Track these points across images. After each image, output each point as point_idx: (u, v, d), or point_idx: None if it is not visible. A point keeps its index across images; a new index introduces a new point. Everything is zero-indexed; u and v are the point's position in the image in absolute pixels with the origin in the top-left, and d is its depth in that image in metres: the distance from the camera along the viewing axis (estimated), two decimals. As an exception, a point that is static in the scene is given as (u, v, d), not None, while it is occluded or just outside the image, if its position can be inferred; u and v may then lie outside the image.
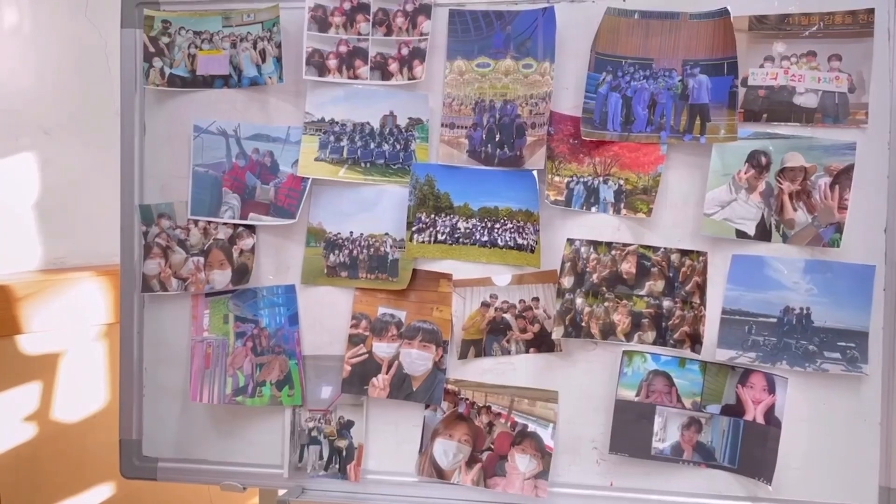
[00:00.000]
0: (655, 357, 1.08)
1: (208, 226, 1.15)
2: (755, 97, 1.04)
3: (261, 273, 1.16)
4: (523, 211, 1.09)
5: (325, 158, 1.12)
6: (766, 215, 1.05)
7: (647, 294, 1.08)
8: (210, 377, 1.16)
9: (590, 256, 1.08)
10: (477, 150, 1.10)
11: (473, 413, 1.12)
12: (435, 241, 1.11)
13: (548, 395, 1.10)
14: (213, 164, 1.15)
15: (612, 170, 1.07)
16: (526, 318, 1.10)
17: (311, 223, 1.14)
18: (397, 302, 1.13)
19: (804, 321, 1.04)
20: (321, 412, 1.15)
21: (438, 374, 1.11)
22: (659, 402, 1.08)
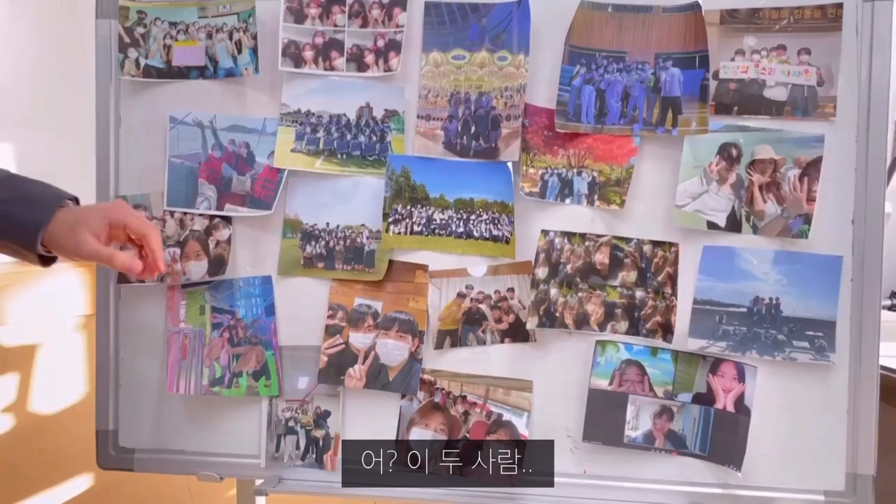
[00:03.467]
0: (628, 346, 1.10)
1: (184, 217, 1.16)
2: (726, 90, 1.06)
3: (237, 264, 1.16)
4: (498, 202, 1.10)
5: (301, 150, 1.13)
6: (736, 207, 1.07)
7: (620, 284, 1.09)
8: (187, 368, 1.17)
9: (564, 247, 1.10)
10: (452, 142, 1.11)
11: (449, 402, 1.13)
12: (411, 232, 1.12)
13: (522, 385, 1.12)
14: (189, 155, 1.15)
15: (585, 162, 1.09)
16: (501, 309, 1.12)
17: (288, 214, 1.14)
18: (374, 293, 1.14)
19: (773, 311, 1.06)
20: (298, 402, 1.16)
21: (414, 365, 1.12)
22: (631, 390, 1.09)
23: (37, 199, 0.94)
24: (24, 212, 0.93)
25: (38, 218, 0.93)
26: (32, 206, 0.93)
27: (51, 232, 0.93)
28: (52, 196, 0.96)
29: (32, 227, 0.93)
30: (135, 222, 0.98)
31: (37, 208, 0.94)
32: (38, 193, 0.95)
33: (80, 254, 0.94)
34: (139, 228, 0.98)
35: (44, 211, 0.93)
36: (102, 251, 0.95)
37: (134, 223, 0.98)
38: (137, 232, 0.99)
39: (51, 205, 0.94)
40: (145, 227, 0.99)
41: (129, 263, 0.97)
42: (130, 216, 0.98)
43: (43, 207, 0.94)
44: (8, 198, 0.93)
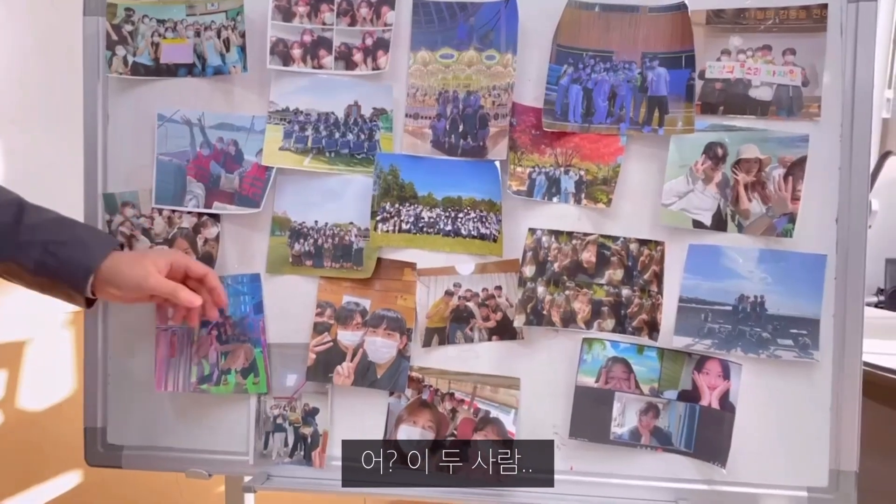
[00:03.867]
0: (614, 344, 1.10)
1: (172, 214, 1.15)
2: (712, 90, 1.07)
3: (225, 262, 1.16)
4: (486, 201, 1.10)
5: (289, 148, 1.13)
6: (722, 206, 1.07)
7: (606, 283, 1.10)
8: (175, 365, 1.17)
9: (551, 246, 1.10)
10: (440, 141, 1.11)
11: (437, 400, 1.13)
12: (399, 230, 1.12)
13: (510, 382, 1.12)
14: (177, 152, 1.14)
15: (572, 161, 1.09)
16: (489, 307, 1.12)
17: (276, 212, 1.14)
18: (362, 290, 1.14)
19: (758, 309, 1.07)
20: (286, 400, 1.16)
21: (402, 362, 1.13)
22: (618, 388, 1.10)
23: (88, 243, 0.99)
24: (78, 255, 0.97)
25: (90, 262, 0.98)
26: (85, 250, 0.98)
27: (109, 269, 0.98)
28: (103, 240, 1.01)
29: (84, 270, 0.97)
30: (196, 264, 1.05)
31: (88, 252, 0.98)
32: (89, 237, 1.00)
33: (143, 286, 0.99)
34: (199, 269, 1.05)
35: (95, 254, 0.98)
36: (168, 283, 1.01)
37: (194, 265, 1.05)
38: (198, 272, 1.05)
39: (102, 249, 0.99)
40: (205, 268, 1.06)
41: (193, 297, 1.02)
42: (191, 260, 1.06)
43: (95, 251, 0.98)
44: (61, 240, 0.97)
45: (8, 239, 0.95)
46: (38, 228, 0.97)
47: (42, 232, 0.96)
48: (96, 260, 0.98)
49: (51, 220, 0.99)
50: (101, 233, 1.04)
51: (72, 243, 0.97)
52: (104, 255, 0.98)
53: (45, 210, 1.02)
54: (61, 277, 0.97)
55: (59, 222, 0.99)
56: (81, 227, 1.02)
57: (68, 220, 1.02)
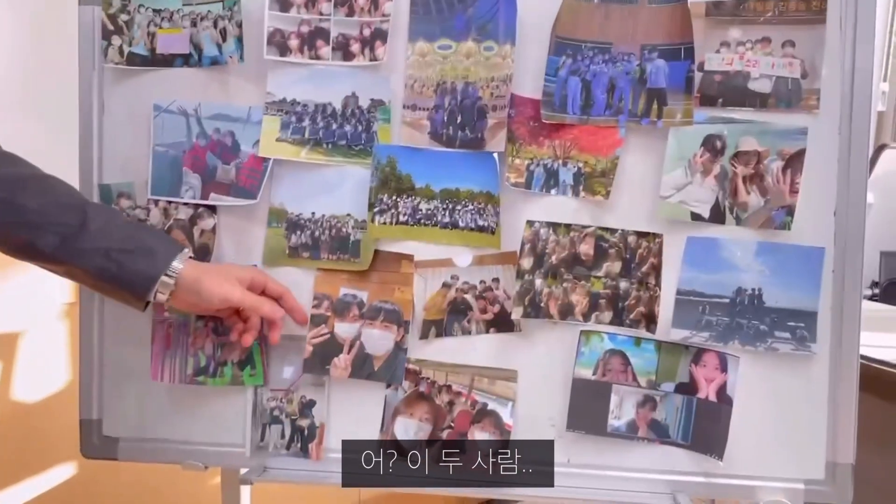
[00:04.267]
0: (612, 337, 1.10)
1: (168, 206, 1.15)
2: (711, 82, 1.06)
3: (222, 253, 1.15)
4: (484, 193, 1.10)
5: (286, 139, 1.12)
6: (720, 198, 1.07)
7: (604, 275, 1.10)
8: (171, 357, 1.16)
9: (549, 238, 1.10)
10: (438, 132, 1.10)
11: (434, 392, 1.13)
12: (397, 222, 1.12)
13: (507, 375, 1.12)
14: (173, 143, 1.14)
15: (571, 153, 1.09)
16: (486, 299, 1.12)
17: (273, 204, 1.13)
18: (359, 283, 1.13)
19: (756, 302, 1.06)
20: (283, 392, 1.15)
21: (400, 354, 1.12)
22: (615, 380, 1.10)
23: (153, 251, 0.98)
24: (141, 264, 0.96)
25: (153, 271, 0.97)
26: (148, 259, 0.97)
27: (192, 281, 0.98)
28: (169, 248, 0.99)
29: (145, 280, 0.97)
30: (275, 283, 1.07)
31: (152, 261, 0.97)
32: (155, 244, 0.99)
33: (229, 300, 1.00)
34: (278, 288, 1.07)
35: (159, 264, 0.97)
36: (254, 297, 1.03)
37: (273, 283, 1.07)
38: (276, 291, 1.07)
39: (166, 258, 0.98)
40: (283, 287, 1.08)
41: (277, 309, 1.05)
42: (270, 277, 1.08)
43: (158, 260, 0.97)
44: (124, 248, 0.96)
45: (70, 244, 0.94)
46: (102, 234, 0.95)
47: (105, 238, 0.95)
48: (159, 269, 0.97)
49: (116, 225, 0.98)
50: (169, 239, 1.03)
51: (136, 251, 0.97)
52: (167, 263, 0.98)
53: (111, 213, 1.01)
54: (122, 285, 0.97)
55: (124, 228, 0.98)
56: (148, 234, 1.01)
57: (134, 224, 1.02)
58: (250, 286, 1.04)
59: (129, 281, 0.96)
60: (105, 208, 1.03)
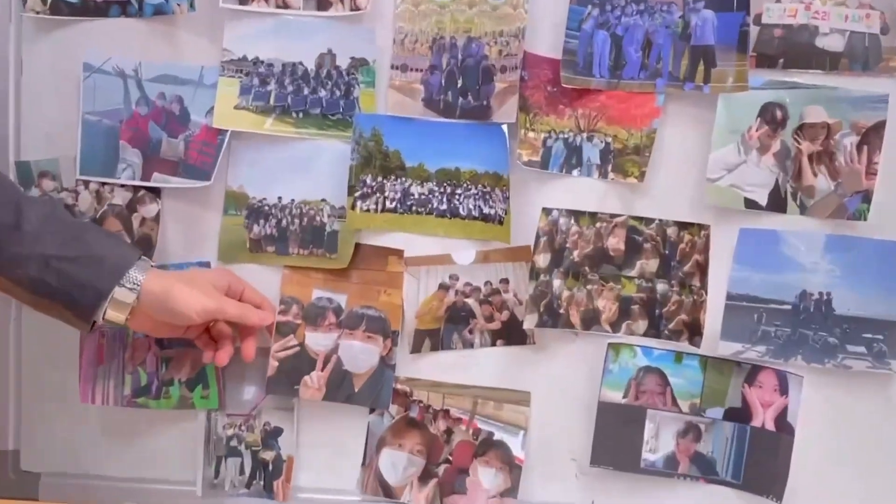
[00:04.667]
0: (647, 351, 1.05)
1: (102, 188, 1.07)
2: (770, 38, 0.99)
3: (167, 247, 1.08)
4: (490, 173, 1.04)
5: (247, 106, 1.05)
6: (780, 181, 1.00)
7: (637, 275, 1.04)
8: (104, 374, 1.09)
9: (570, 229, 1.04)
10: (434, 99, 1.04)
11: (428, 418, 1.08)
12: (383, 209, 1.06)
13: (518, 397, 1.07)
14: (107, 111, 1.06)
15: (597, 124, 1.02)
16: (492, 304, 1.06)
17: (231, 186, 1.07)
18: (336, 283, 1.07)
19: (824, 309, 1.01)
20: (242, 417, 1.09)
21: (386, 372, 1.06)
22: (650, 404, 1.05)
23: (104, 260, 0.91)
24: (87, 274, 0.90)
25: (102, 284, 0.90)
26: (97, 268, 0.91)
27: (160, 295, 0.92)
28: (124, 255, 0.93)
29: (93, 295, 0.90)
30: (252, 289, 1.03)
31: (102, 271, 0.91)
32: (106, 251, 0.92)
33: (209, 312, 0.95)
34: (256, 294, 1.03)
35: (110, 275, 0.91)
36: (237, 305, 0.99)
37: (250, 289, 1.03)
38: (254, 299, 1.03)
39: (118, 267, 0.91)
40: (262, 295, 1.04)
41: (266, 315, 1.02)
42: (247, 284, 1.03)
43: (109, 271, 0.91)
44: (67, 255, 0.90)
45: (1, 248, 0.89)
46: (38, 237, 0.90)
47: (42, 242, 0.90)
48: (108, 282, 0.90)
49: (57, 226, 0.92)
50: (123, 245, 0.96)
51: (80, 259, 0.90)
52: (118, 274, 0.91)
53: (51, 210, 0.95)
54: (63, 301, 0.91)
55: (67, 229, 0.92)
56: (97, 237, 0.94)
57: (81, 225, 0.97)
58: (227, 294, 1.00)
59: (71, 296, 0.90)
60: (44, 204, 0.97)
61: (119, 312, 0.91)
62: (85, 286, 0.90)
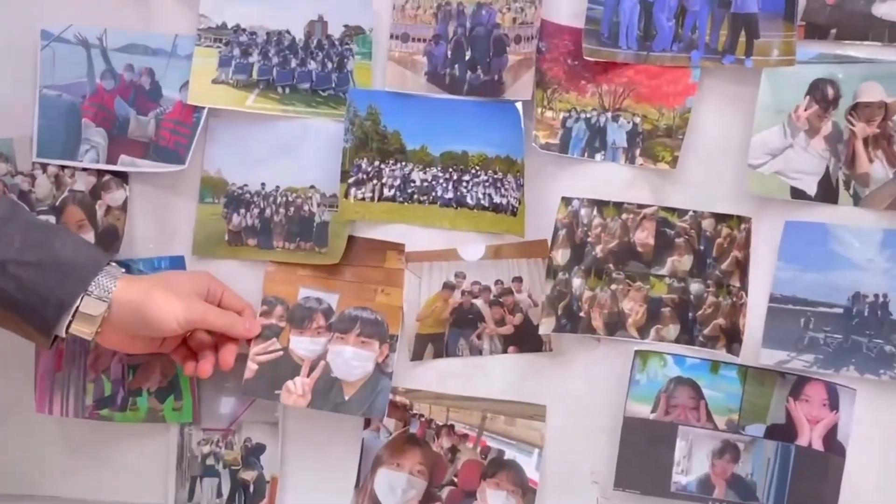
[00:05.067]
0: (678, 359, 1.02)
1: (62, 172, 1.05)
2: (821, 6, 0.95)
3: (136, 239, 1.06)
4: (502, 158, 1.02)
5: (227, 80, 1.03)
6: (831, 168, 0.98)
7: (668, 274, 1.02)
8: (63, 383, 1.07)
9: (592, 221, 1.01)
10: (439, 73, 1.01)
11: (430, 434, 1.06)
12: (380, 197, 1.04)
13: (532, 411, 1.05)
14: (68, 85, 1.04)
15: (624, 102, 1.00)
16: (504, 306, 1.04)
17: (207, 171, 1.05)
18: (326, 281, 1.06)
19: (879, 313, 0.99)
20: (220, 432, 1.08)
21: (382, 381, 1.03)
22: (682, 420, 1.02)
23: (68, 267, 0.89)
24: (49, 282, 0.87)
25: (65, 294, 0.88)
26: (61, 276, 0.88)
27: (135, 308, 0.90)
28: (90, 259, 0.90)
29: (55, 306, 0.88)
30: (233, 294, 1.01)
31: (66, 280, 0.88)
32: (72, 256, 0.90)
33: (189, 322, 0.93)
34: (237, 298, 1.02)
35: (75, 283, 0.88)
36: (222, 314, 0.97)
37: (230, 292, 1.01)
38: (235, 304, 1.01)
39: (84, 274, 0.89)
40: (244, 300, 1.02)
41: (254, 325, 1.01)
42: (227, 287, 1.01)
43: (74, 277, 0.88)
44: (27, 260, 0.88)
45: None
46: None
47: (1, 245, 0.88)
48: (73, 292, 0.88)
49: (17, 226, 0.89)
50: (91, 249, 0.94)
51: (42, 265, 0.87)
52: (84, 282, 0.88)
53: (10, 210, 0.92)
54: (21, 313, 0.89)
55: (28, 230, 0.89)
56: (61, 240, 0.91)
57: (44, 226, 0.95)
58: (206, 299, 0.98)
59: (30, 307, 0.87)
60: (4, 203, 0.94)
61: (86, 326, 0.88)
62: (46, 296, 0.87)
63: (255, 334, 1.01)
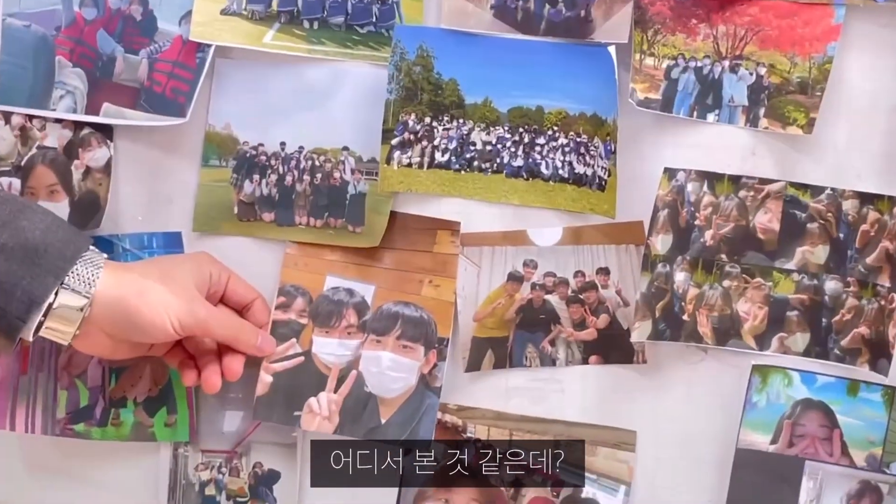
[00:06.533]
0: (807, 378, 0.99)
1: (29, 124, 1.04)
2: None
3: (121, 211, 1.05)
4: (588, 116, 1.00)
5: (239, 11, 1.01)
6: None
7: (797, 268, 0.99)
8: (28, 390, 1.06)
9: (701, 200, 0.99)
10: (509, 6, 1.00)
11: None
12: (431, 163, 1.02)
13: (618, 438, 1.03)
14: (38, 13, 1.03)
15: (746, 48, 0.98)
16: (585, 304, 1.02)
17: (213, 126, 1.04)
18: (360, 268, 1.04)
19: None
20: (223, 455, 1.06)
21: (427, 397, 1.03)
22: (810, 454, 0.99)
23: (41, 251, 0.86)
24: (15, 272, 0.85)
25: (35, 287, 0.85)
26: (29, 266, 0.86)
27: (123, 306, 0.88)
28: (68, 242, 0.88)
29: (25, 301, 0.85)
30: (238, 279, 1.00)
31: (36, 269, 0.86)
32: (43, 238, 0.87)
33: (186, 327, 0.91)
34: (245, 287, 1.00)
35: (47, 274, 0.86)
36: (228, 320, 0.96)
37: (237, 279, 0.99)
38: (244, 295, 1.00)
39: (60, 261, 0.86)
40: (254, 290, 1.01)
41: (266, 343, 0.99)
42: (234, 273, 1.00)
43: (48, 266, 0.86)
44: None
45: None
46: None
47: None
48: (51, 280, 0.86)
49: None
50: (70, 231, 0.90)
51: (9, 249, 0.86)
52: (61, 271, 0.86)
53: None
54: None
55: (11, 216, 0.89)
56: (34, 222, 0.88)
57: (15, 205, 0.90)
58: (209, 289, 0.97)
59: None
60: None
61: (62, 326, 0.87)
62: (11, 289, 0.86)
63: (268, 354, 1.00)
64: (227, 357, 0.98)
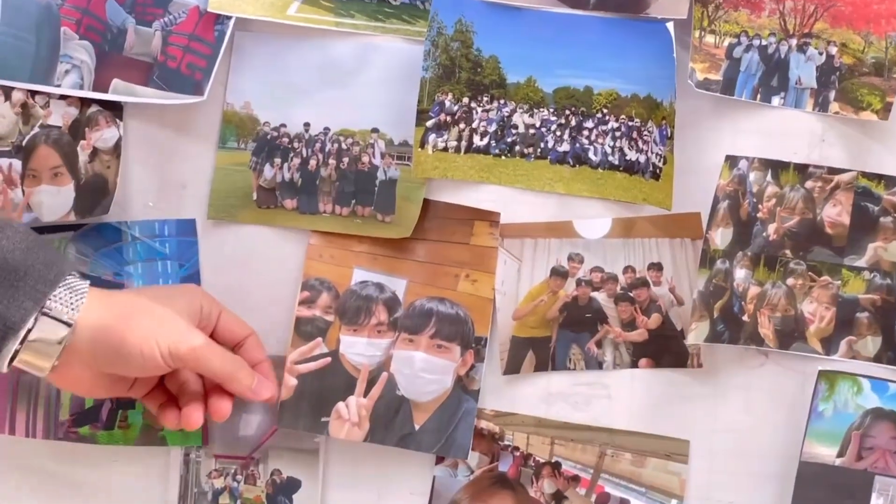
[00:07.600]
0: (878, 385, 1.01)
1: (31, 100, 1.05)
2: None
3: (131, 195, 1.07)
4: (641, 98, 1.02)
5: None
6: None
7: (869, 266, 1.01)
8: (29, 392, 1.07)
9: (765, 191, 1.02)
10: None
11: (528, 475, 1.05)
12: (469, 148, 1.04)
13: (670, 448, 1.04)
14: None
15: (816, 25, 1.00)
16: (636, 303, 1.05)
17: (232, 105, 1.06)
18: (391, 261, 1.06)
19: None
20: (239, 462, 1.08)
21: (464, 401, 1.04)
22: (881, 468, 1.00)
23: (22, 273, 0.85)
24: None
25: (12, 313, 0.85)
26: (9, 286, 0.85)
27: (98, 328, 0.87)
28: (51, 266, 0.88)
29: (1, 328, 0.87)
30: (230, 314, 1.00)
31: (14, 292, 0.85)
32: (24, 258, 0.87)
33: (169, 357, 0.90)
34: (237, 323, 1.01)
35: (26, 298, 0.85)
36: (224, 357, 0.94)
37: (228, 314, 1.00)
38: (235, 331, 1.00)
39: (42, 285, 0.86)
40: (247, 326, 1.01)
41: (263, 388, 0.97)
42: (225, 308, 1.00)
43: (27, 290, 0.85)
44: None
45: None
46: None
47: None
48: (29, 306, 0.85)
49: None
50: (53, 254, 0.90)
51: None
52: (41, 296, 0.85)
53: None
54: None
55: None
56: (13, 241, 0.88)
57: None
58: (200, 327, 0.97)
59: None
60: None
61: (39, 359, 0.87)
62: None
63: (266, 399, 0.99)
64: (213, 397, 0.99)
